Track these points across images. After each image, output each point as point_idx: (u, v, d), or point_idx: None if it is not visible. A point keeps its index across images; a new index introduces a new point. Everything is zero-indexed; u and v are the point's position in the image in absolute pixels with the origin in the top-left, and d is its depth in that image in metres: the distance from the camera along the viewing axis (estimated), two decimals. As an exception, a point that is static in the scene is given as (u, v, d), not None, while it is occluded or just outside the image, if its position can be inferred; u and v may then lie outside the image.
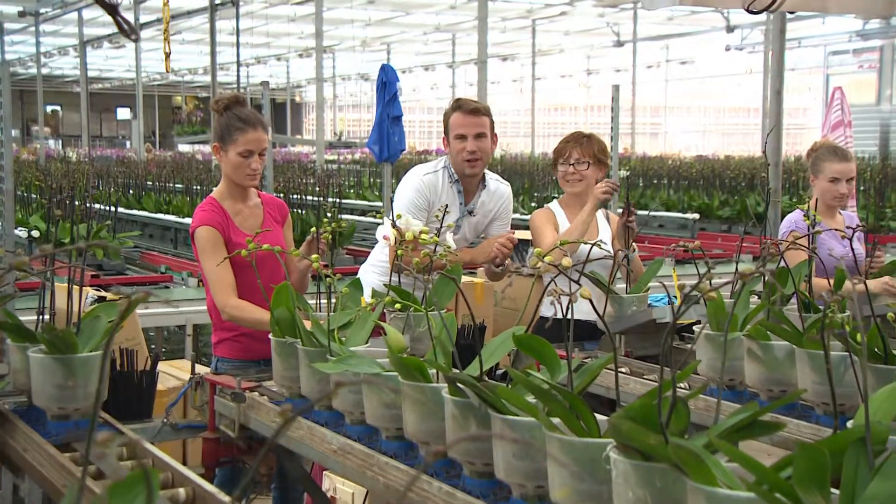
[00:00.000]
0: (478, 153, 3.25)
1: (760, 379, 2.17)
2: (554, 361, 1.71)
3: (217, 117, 2.85)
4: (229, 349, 2.89)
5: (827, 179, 3.59)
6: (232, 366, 2.86)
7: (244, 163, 2.82)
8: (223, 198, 2.89)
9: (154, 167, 13.55)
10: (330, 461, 2.00)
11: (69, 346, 2.02)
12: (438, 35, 26.81)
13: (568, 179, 3.40)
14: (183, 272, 5.84)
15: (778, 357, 2.13)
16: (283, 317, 2.25)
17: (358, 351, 2.08)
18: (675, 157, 20.90)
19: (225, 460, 2.44)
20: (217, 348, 2.92)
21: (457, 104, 3.29)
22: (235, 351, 2.89)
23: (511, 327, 2.41)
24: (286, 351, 2.23)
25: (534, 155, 23.77)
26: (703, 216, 10.25)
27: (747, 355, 2.20)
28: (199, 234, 2.82)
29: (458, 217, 3.32)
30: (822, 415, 2.03)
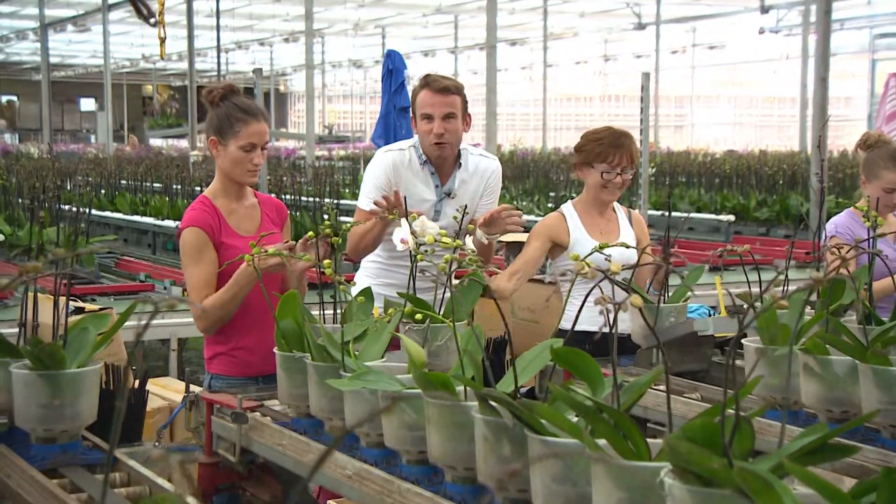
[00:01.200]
0: (446, 136, 3.27)
1: (819, 398, 2.19)
2: (596, 377, 1.73)
3: (212, 109, 2.87)
4: (224, 365, 2.91)
5: (882, 188, 3.60)
6: (228, 384, 2.88)
7: (246, 157, 2.85)
8: (216, 196, 2.91)
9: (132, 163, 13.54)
10: (344, 487, 2.01)
11: (56, 361, 2.03)
12: (439, 17, 26.83)
13: (607, 186, 3.41)
14: (165, 280, 5.86)
15: (838, 373, 2.15)
16: (289, 329, 2.27)
17: (374, 366, 2.10)
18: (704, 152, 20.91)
19: (224, 487, 2.46)
20: (211, 364, 2.94)
21: (425, 81, 3.30)
22: (232, 367, 2.90)
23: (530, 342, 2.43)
24: (293, 366, 2.25)
25: (545, 150, 23.77)
26: (739, 218, 10.28)
27: (803, 371, 2.21)
28: (184, 237, 2.85)
29: (435, 200, 3.34)
30: (890, 438, 2.05)
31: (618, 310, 1.51)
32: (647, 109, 5.20)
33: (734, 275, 5.13)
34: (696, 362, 2.94)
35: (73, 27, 22.69)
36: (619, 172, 3.38)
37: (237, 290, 2.74)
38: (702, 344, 2.93)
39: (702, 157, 17.71)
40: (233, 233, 2.88)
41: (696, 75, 32.42)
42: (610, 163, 3.37)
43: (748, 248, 2.19)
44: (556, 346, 1.76)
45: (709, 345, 2.95)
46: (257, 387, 2.75)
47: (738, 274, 4.58)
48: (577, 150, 3.47)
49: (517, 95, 36.67)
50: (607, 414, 1.54)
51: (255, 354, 2.88)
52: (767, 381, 2.26)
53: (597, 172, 3.40)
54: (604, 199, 3.45)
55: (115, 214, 9.58)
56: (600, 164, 3.39)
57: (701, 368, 2.93)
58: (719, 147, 26.75)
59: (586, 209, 3.49)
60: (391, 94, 5.39)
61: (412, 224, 2.39)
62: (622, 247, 2.14)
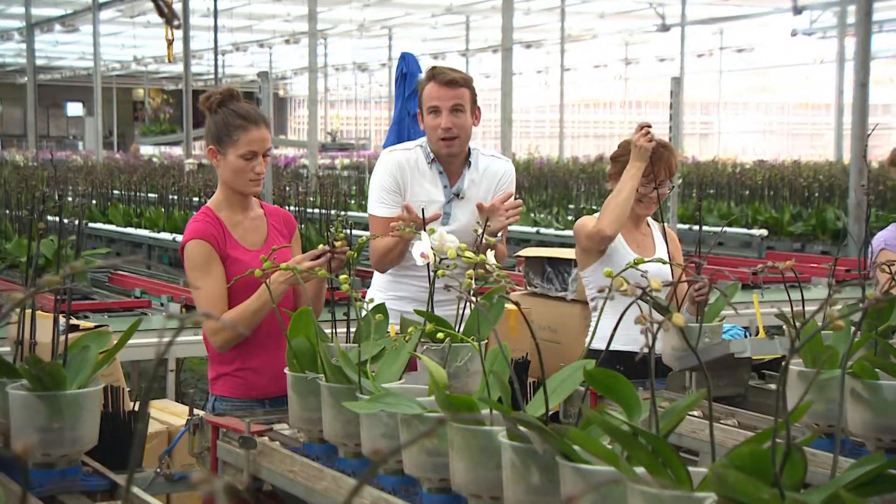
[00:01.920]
0: (454, 130, 3.26)
1: (867, 425, 2.19)
2: (632, 400, 1.74)
3: (210, 116, 2.89)
4: (229, 386, 2.92)
5: None
6: (233, 406, 2.89)
7: (247, 166, 2.86)
8: (220, 208, 2.93)
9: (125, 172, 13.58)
10: (361, 518, 2.02)
11: (57, 381, 2.05)
12: (450, 17, 26.94)
13: (642, 200, 3.42)
14: (162, 296, 5.88)
15: (888, 399, 2.15)
16: (302, 348, 2.28)
17: (392, 388, 2.11)
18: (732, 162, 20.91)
19: (230, 517, 2.47)
20: (215, 385, 2.95)
21: (431, 73, 3.30)
22: (237, 388, 2.92)
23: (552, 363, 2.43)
24: (306, 388, 2.26)
25: (562, 159, 23.81)
26: (772, 232, 10.28)
27: (850, 397, 2.21)
28: (188, 250, 2.86)
29: (444, 202, 3.34)
30: (944, 467, 2.04)
31: (658, 330, 1.51)
32: (677, 116, 5.21)
33: (769, 293, 5.12)
34: (732, 386, 2.93)
35: (60, 27, 22.84)
36: (655, 186, 3.38)
37: (260, 306, 2.75)
38: (738, 367, 2.93)
39: (730, 167, 17.71)
40: (239, 246, 2.90)
41: (723, 80, 32.45)
42: (645, 175, 3.37)
43: (791, 264, 2.19)
44: (589, 367, 1.77)
45: (746, 368, 2.95)
46: (265, 410, 2.75)
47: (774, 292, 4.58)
48: (613, 160, 3.48)
49: (532, 101, 36.73)
50: (645, 439, 1.54)
51: (262, 375, 2.89)
52: (812, 407, 2.26)
53: (641, 189, 3.40)
54: (638, 213, 3.45)
55: (108, 226, 9.61)
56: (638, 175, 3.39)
57: (738, 393, 2.93)
58: (748, 157, 26.74)
59: None
60: (405, 99, 5.42)
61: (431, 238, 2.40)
62: (659, 262, 2.15)
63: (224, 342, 2.85)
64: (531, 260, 4.73)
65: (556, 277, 4.58)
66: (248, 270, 2.39)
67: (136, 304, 5.86)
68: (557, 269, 4.59)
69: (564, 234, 9.66)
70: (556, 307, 4.54)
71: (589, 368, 1.75)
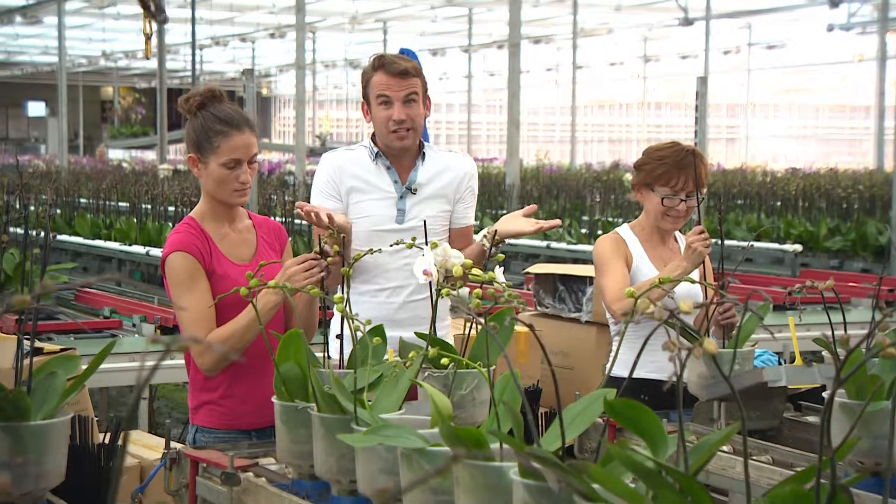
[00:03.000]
0: (407, 122, 3.30)
1: (917, 462, 2.18)
2: (658, 434, 1.73)
3: (190, 120, 2.89)
4: (211, 416, 2.92)
5: None
6: (215, 438, 2.89)
7: (230, 175, 2.86)
8: (204, 219, 2.93)
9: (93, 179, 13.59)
10: (357, 563, 2.01)
11: (21, 411, 2.04)
12: (451, 10, 27.04)
13: (671, 215, 3.41)
14: (134, 316, 5.88)
15: (939, 432, 2.15)
16: (291, 374, 2.28)
17: (391, 419, 2.10)
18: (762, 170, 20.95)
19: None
20: (196, 415, 2.95)
21: (379, 62, 3.34)
22: (219, 418, 2.91)
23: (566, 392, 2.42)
24: (295, 418, 2.25)
25: (574, 165, 23.85)
26: (807, 248, 10.28)
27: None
28: (170, 263, 2.85)
29: (397, 198, 3.37)
30: None
31: (688, 357, 1.51)
32: (702, 120, 5.23)
33: (805, 315, 5.13)
34: (765, 419, 2.93)
35: (21, 19, 22.93)
36: (682, 199, 3.38)
37: (249, 321, 2.74)
38: (772, 397, 2.92)
39: (760, 175, 17.73)
40: (226, 260, 2.89)
41: (751, 80, 32.54)
42: (672, 186, 3.36)
43: (832, 284, 2.19)
44: (610, 398, 1.77)
45: (780, 398, 2.94)
46: (251, 442, 2.75)
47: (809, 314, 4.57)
48: (637, 169, 3.47)
49: (541, 102, 36.82)
50: (673, 478, 1.54)
51: (248, 404, 2.88)
52: (857, 444, 2.25)
53: (657, 197, 3.39)
54: (664, 227, 3.45)
55: (75, 238, 9.61)
56: (661, 187, 3.38)
57: (771, 426, 2.92)
58: (778, 164, 26.81)
59: (646, 235, 3.48)
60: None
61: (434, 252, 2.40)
62: (689, 282, 2.15)
63: (213, 364, 2.85)
64: (541, 277, 4.73)
65: (568, 297, 4.58)
66: (235, 288, 2.38)
67: (105, 324, 5.85)
68: (570, 288, 4.59)
69: (577, 248, 9.66)
70: (568, 330, 4.54)
71: (610, 398, 1.75)
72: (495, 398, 1.98)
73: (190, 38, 15.90)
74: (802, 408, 3.04)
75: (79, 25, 28.50)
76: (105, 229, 9.45)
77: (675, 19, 26.23)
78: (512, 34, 10.86)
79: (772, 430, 2.93)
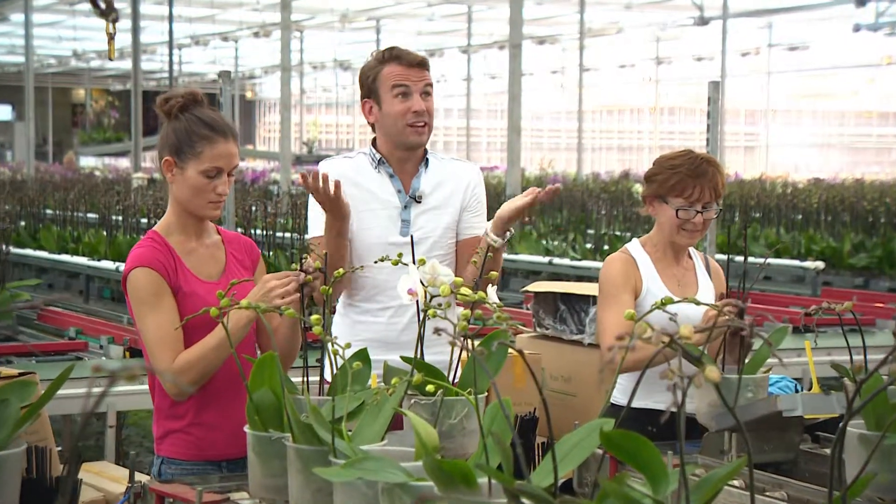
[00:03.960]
0: (425, 115, 3.33)
1: (940, 498, 2.17)
2: (658, 469, 1.73)
3: (169, 122, 2.89)
4: (177, 446, 2.91)
5: None
6: (182, 470, 2.88)
7: (208, 185, 2.86)
8: (170, 232, 2.93)
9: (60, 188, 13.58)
10: None
11: (-30, 440, 2.04)
12: (448, 7, 27.12)
13: (687, 228, 3.40)
14: (101, 337, 5.86)
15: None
16: (265, 401, 2.27)
17: (373, 450, 2.10)
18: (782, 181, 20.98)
19: None
20: (161, 445, 2.94)
21: (390, 53, 3.37)
22: (187, 448, 2.91)
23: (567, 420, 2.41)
24: (269, 449, 2.24)
25: (581, 175, 23.88)
26: (829, 265, 10.27)
27: (921, 464, 2.20)
28: (133, 279, 2.85)
29: (401, 208, 3.39)
30: None
31: (688, 385, 1.51)
32: (715, 127, 5.23)
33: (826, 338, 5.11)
34: (780, 451, 2.92)
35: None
36: (699, 210, 3.38)
37: (219, 342, 2.74)
38: (788, 427, 2.91)
39: (780, 186, 17.74)
40: (192, 278, 2.89)
41: (771, 83, 32.60)
42: (687, 197, 3.35)
43: (851, 305, 2.18)
44: (607, 428, 1.76)
45: (796, 429, 2.93)
46: (221, 475, 2.74)
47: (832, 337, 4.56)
48: (648, 180, 3.46)
49: (546, 106, 36.89)
50: (674, 517, 1.53)
51: (217, 433, 2.88)
52: (875, 479, 2.24)
53: (671, 210, 3.38)
54: (678, 242, 3.44)
55: (39, 253, 9.60)
56: (675, 198, 3.36)
57: (786, 459, 2.92)
58: (800, 174, 26.84)
59: (659, 253, 3.47)
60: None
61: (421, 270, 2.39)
62: (693, 303, 2.14)
63: (181, 390, 2.85)
64: (541, 296, 4.72)
65: (570, 317, 4.57)
66: (203, 308, 2.37)
67: (69, 346, 5.83)
68: (573, 308, 4.57)
69: (582, 265, 9.65)
70: (570, 353, 4.52)
71: (606, 429, 1.74)
72: (484, 428, 1.97)
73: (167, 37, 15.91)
74: (821, 439, 3.03)
75: (48, 23, 28.55)
76: (72, 243, 9.44)
77: (690, 18, 26.30)
78: (513, 34, 10.90)
79: (787, 464, 2.92)
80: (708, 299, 3.35)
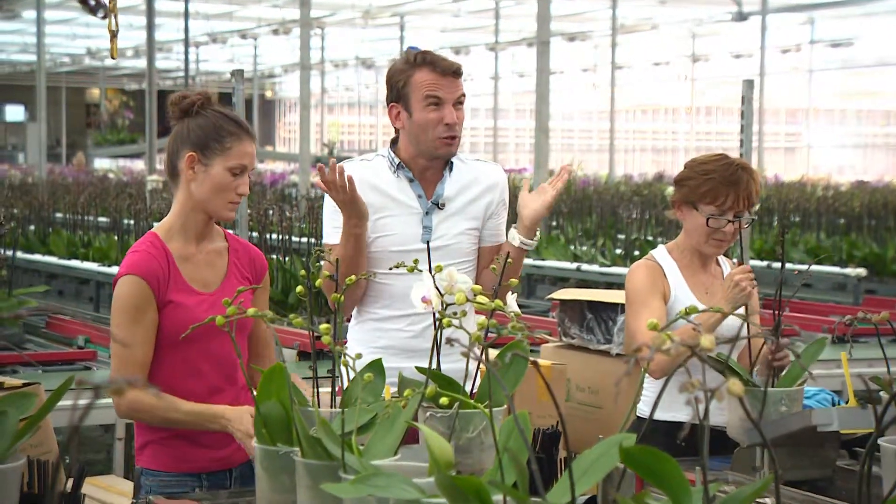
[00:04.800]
0: (456, 128, 3.33)
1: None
2: (680, 486, 1.72)
3: (188, 118, 2.90)
4: (157, 457, 2.95)
5: None
6: (160, 481, 2.92)
7: (231, 183, 2.88)
8: (171, 236, 2.93)
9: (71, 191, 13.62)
10: None
11: (-34, 453, 2.04)
12: (475, 3, 27.09)
13: (716, 237, 3.39)
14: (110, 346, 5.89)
15: None
16: (273, 415, 2.27)
17: (384, 465, 2.09)
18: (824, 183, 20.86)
19: None
20: (141, 455, 2.99)
21: (423, 58, 3.34)
22: (165, 460, 2.94)
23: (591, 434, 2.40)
24: (277, 464, 2.24)
25: (612, 177, 23.82)
26: (872, 272, 10.20)
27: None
28: (120, 285, 2.88)
29: (422, 214, 3.39)
30: None
31: (710, 399, 1.49)
32: (749, 128, 5.20)
33: (866, 349, 5.08)
34: (815, 467, 2.91)
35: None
36: (730, 219, 3.36)
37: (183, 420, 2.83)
38: (823, 442, 2.90)
39: (821, 189, 17.64)
40: (184, 286, 2.88)
41: (813, 82, 32.42)
42: (719, 205, 3.35)
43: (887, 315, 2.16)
44: (627, 443, 1.75)
45: (832, 444, 2.91)
46: (230, 491, 2.75)
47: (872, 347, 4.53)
48: (678, 184, 3.45)
49: (575, 105, 36.82)
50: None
51: (197, 445, 2.90)
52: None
53: (701, 217, 3.37)
54: (705, 251, 3.43)
55: (48, 258, 9.64)
56: (706, 206, 3.36)
57: (822, 476, 2.90)
58: (844, 176, 26.67)
59: (686, 260, 3.46)
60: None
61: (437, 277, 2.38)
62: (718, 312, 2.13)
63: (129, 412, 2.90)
64: (567, 304, 4.71)
65: (598, 326, 4.56)
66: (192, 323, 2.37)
67: (77, 355, 5.85)
68: (600, 317, 4.56)
69: (611, 271, 9.61)
70: (597, 363, 4.51)
71: (626, 444, 1.73)
72: (500, 443, 1.96)
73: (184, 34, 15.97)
74: (858, 455, 3.00)
75: (60, 20, 28.68)
76: (82, 248, 9.48)
77: (728, 14, 26.20)
78: (540, 31, 10.88)
79: (823, 481, 2.91)
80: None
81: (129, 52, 32.41)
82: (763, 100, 25.29)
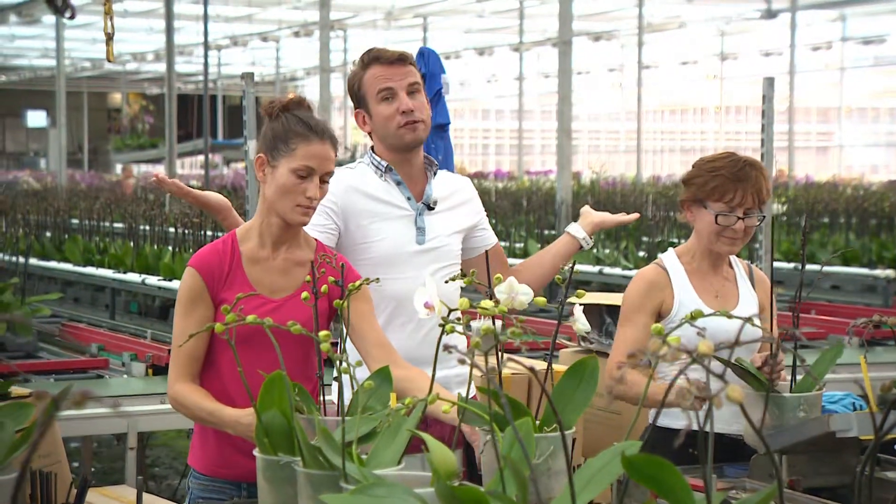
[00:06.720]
0: (416, 113, 3.35)
1: None
2: (683, 494, 1.70)
3: (269, 122, 2.94)
4: (206, 461, 2.96)
5: None
6: (203, 488, 2.94)
7: (297, 186, 2.86)
8: (248, 237, 2.94)
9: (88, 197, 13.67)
10: None
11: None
12: (499, 3, 27.09)
13: (727, 235, 3.37)
14: (124, 354, 5.89)
15: None
16: (274, 423, 2.26)
17: (386, 476, 2.08)
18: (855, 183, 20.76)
19: None
20: (191, 452, 3.02)
21: (369, 56, 3.41)
22: (207, 461, 2.96)
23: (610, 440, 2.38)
24: (279, 474, 2.24)
25: (639, 179, 23.77)
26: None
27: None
28: (183, 276, 2.95)
29: (415, 215, 3.40)
30: None
31: (710, 404, 1.48)
32: (769, 126, 5.17)
33: (892, 352, 5.05)
34: (834, 474, 2.89)
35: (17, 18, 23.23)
36: (740, 216, 3.34)
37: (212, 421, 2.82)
38: (842, 449, 2.88)
39: (851, 189, 17.54)
40: (247, 288, 2.83)
41: (845, 80, 32.28)
42: (728, 202, 3.32)
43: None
44: (630, 452, 1.73)
45: (852, 450, 2.89)
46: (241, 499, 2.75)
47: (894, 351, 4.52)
48: (686, 184, 3.43)
49: (601, 106, 36.78)
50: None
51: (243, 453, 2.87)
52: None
53: (710, 215, 3.35)
54: (718, 250, 3.40)
55: (63, 265, 9.67)
56: (715, 203, 3.33)
57: (841, 483, 2.88)
58: (877, 176, 26.55)
59: (695, 263, 3.44)
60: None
61: (498, 287, 2.37)
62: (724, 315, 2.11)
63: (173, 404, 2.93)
64: (586, 308, 4.68)
65: (603, 328, 4.56)
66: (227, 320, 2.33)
67: (90, 363, 5.87)
68: (605, 321, 4.56)
69: (633, 274, 9.56)
70: (616, 369, 4.49)
71: (628, 454, 1.72)
72: (498, 454, 1.95)
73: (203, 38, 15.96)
74: (880, 462, 2.98)
75: (81, 25, 28.84)
76: (98, 255, 9.50)
77: (757, 11, 26.13)
78: (562, 30, 10.86)
79: (843, 488, 2.89)
80: (750, 311, 3.31)
81: (149, 55, 32.58)
82: (793, 98, 25.19)
